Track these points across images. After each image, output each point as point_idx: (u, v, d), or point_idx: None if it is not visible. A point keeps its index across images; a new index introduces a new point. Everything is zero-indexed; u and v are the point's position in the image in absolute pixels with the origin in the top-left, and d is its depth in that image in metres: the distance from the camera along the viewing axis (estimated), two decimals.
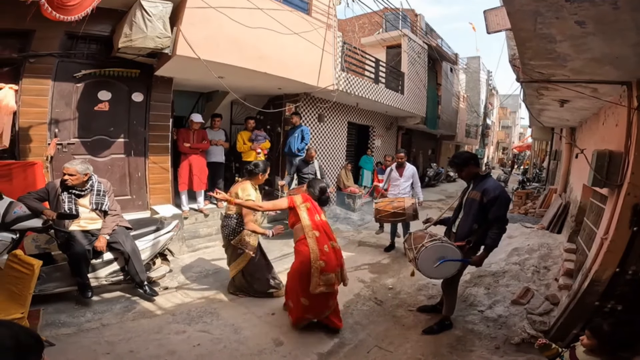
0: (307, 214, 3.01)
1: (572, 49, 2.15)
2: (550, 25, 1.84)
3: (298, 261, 2.95)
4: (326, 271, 2.86)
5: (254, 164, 3.54)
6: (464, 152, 3.26)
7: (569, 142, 6.23)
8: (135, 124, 4.88)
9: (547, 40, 2.06)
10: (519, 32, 2.05)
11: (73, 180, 3.15)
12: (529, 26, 1.90)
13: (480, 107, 22.09)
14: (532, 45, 2.20)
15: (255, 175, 3.50)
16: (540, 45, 2.16)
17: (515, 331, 3.00)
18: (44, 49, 4.02)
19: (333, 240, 3.05)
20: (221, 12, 4.31)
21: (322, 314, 3.00)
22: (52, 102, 4.21)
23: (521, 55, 2.47)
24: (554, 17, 1.73)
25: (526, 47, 2.27)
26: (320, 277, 2.84)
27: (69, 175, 3.13)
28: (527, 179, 12.85)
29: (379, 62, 8.95)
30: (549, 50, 2.22)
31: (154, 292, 3.47)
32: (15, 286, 2.42)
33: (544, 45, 2.15)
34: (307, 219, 2.99)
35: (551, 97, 3.76)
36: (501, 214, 2.78)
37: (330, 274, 2.88)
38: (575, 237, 4.27)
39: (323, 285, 2.85)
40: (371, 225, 6.86)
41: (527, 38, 2.09)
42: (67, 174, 3.12)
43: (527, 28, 1.94)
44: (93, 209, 3.30)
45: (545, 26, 1.86)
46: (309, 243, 2.89)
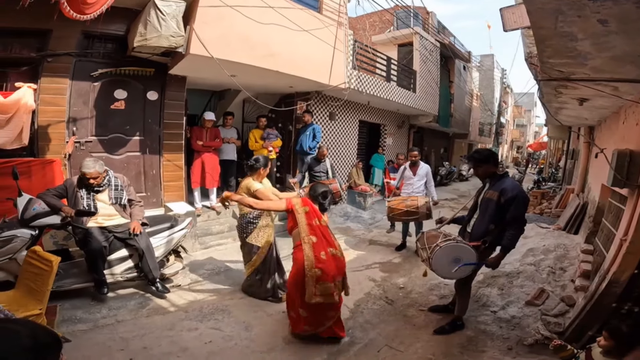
0: (305, 218, 2.81)
1: (593, 47, 2.10)
2: (572, 23, 1.79)
3: (294, 269, 2.79)
4: (323, 280, 2.65)
5: (254, 159, 3.52)
6: (485, 149, 3.19)
7: (587, 141, 6.08)
8: (150, 122, 4.96)
9: (568, 39, 2.01)
10: (539, 30, 2.01)
11: (98, 181, 3.24)
12: (550, 24, 1.86)
13: (494, 105, 21.71)
14: (551, 43, 2.15)
15: (256, 170, 3.47)
16: (560, 43, 2.11)
17: (528, 332, 2.94)
18: (61, 48, 4.11)
19: (333, 247, 2.82)
20: (233, 10, 4.33)
21: (322, 325, 2.82)
22: (70, 101, 4.31)
23: (540, 53, 2.42)
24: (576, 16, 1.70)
25: (546, 45, 2.22)
26: (317, 286, 2.64)
27: (93, 179, 3.20)
28: (542, 178, 12.59)
29: (391, 60, 8.88)
30: (569, 48, 2.17)
31: (165, 290, 3.51)
32: (34, 282, 2.46)
33: (564, 44, 2.10)
34: (305, 223, 2.79)
35: (570, 95, 3.67)
36: (519, 214, 2.72)
37: (328, 284, 2.66)
38: (592, 238, 4.17)
39: (320, 295, 2.65)
40: (382, 224, 6.83)
41: (547, 36, 2.05)
42: (92, 178, 3.18)
43: (547, 26, 1.90)
44: (113, 203, 3.37)
45: (566, 24, 1.82)
46: (304, 249, 2.71)
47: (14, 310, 2.29)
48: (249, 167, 3.52)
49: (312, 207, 2.90)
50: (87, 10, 3.37)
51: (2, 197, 3.18)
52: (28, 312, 2.29)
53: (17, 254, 2.87)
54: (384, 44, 11.28)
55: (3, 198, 3.15)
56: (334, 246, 2.84)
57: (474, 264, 2.73)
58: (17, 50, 3.96)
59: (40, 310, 2.33)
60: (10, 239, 2.86)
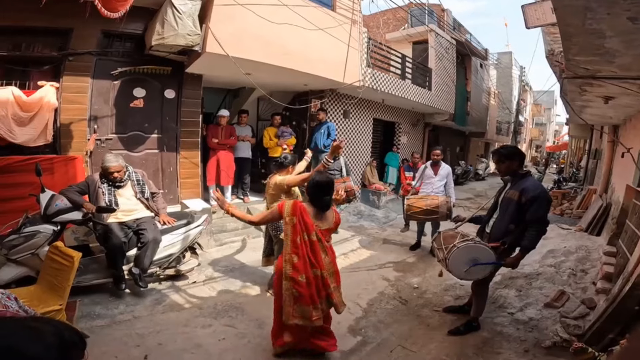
0: (291, 232, 2.36)
1: (622, 44, 2.06)
2: (601, 20, 1.77)
3: (275, 277, 2.55)
4: (300, 303, 2.35)
5: (283, 156, 3.52)
6: (512, 146, 3.09)
7: (611, 141, 5.87)
8: (167, 120, 5.04)
9: (596, 36, 1.98)
10: (566, 27, 1.98)
11: (121, 175, 3.35)
12: (578, 22, 1.84)
13: (512, 103, 21.21)
14: (579, 40, 2.12)
15: (284, 168, 3.45)
16: (587, 40, 2.08)
17: (546, 334, 2.87)
18: (82, 47, 4.22)
19: (319, 268, 2.38)
20: (247, 8, 4.36)
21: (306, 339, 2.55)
22: (91, 99, 4.42)
23: (566, 50, 2.37)
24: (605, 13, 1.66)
25: (572, 42, 2.18)
26: (294, 307, 2.36)
27: (117, 172, 3.31)
28: (563, 178, 12.23)
29: (405, 58, 8.76)
30: (596, 45, 2.14)
31: (144, 285, 3.37)
32: (55, 278, 2.49)
33: (592, 41, 2.07)
34: (290, 238, 2.37)
35: (595, 93, 3.57)
36: (541, 215, 2.63)
37: (306, 307, 2.35)
38: (615, 240, 4.04)
39: (298, 317, 2.36)
40: (396, 223, 6.77)
41: (575, 33, 2.02)
42: (116, 172, 3.30)
43: (575, 23, 1.88)
44: (138, 197, 3.47)
45: (595, 22, 1.79)
46: (284, 266, 2.38)
47: (34, 306, 2.30)
48: (278, 164, 3.50)
49: (302, 217, 2.38)
50: (120, 7, 3.45)
51: (25, 193, 3.27)
52: (48, 307, 2.32)
53: (39, 250, 2.92)
54: (398, 41, 11.14)
55: (26, 194, 3.23)
56: (321, 266, 2.40)
57: (492, 264, 2.66)
58: (39, 49, 4.07)
59: (60, 306, 2.37)
60: (33, 235, 2.92)
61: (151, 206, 3.57)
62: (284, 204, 2.45)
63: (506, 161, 2.84)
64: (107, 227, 3.24)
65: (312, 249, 2.39)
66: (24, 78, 4.01)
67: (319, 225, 2.44)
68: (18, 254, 2.89)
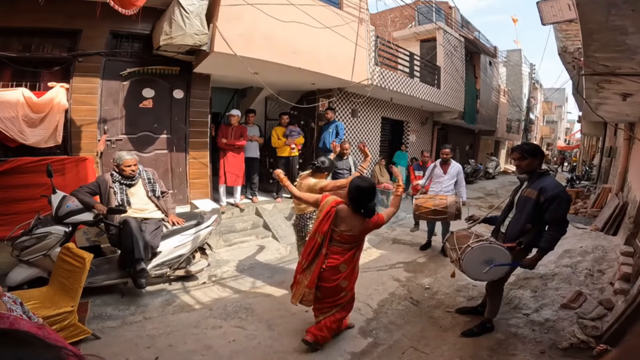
0: (316, 223, 2.62)
1: None
2: (625, 17, 1.74)
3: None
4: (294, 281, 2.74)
5: (321, 160, 3.42)
6: (534, 144, 3.01)
7: (627, 138, 5.72)
8: (176, 120, 5.05)
9: (618, 32, 1.95)
10: (588, 24, 1.95)
11: (135, 169, 3.38)
12: (601, 18, 1.80)
13: (522, 101, 20.90)
14: (600, 37, 2.08)
15: (321, 172, 3.42)
16: (609, 37, 2.04)
17: (563, 336, 2.79)
18: (91, 48, 4.24)
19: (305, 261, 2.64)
20: (256, 7, 4.34)
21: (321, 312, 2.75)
22: (101, 100, 4.44)
23: (586, 47, 2.32)
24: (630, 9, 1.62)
25: (593, 39, 2.14)
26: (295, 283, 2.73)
27: (133, 166, 3.35)
28: (576, 176, 12.00)
29: (414, 56, 8.68)
30: (618, 42, 2.10)
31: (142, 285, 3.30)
32: (67, 279, 2.51)
33: (614, 38, 2.04)
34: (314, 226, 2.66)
35: (613, 90, 3.49)
36: (560, 215, 2.54)
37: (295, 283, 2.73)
38: (633, 239, 3.93)
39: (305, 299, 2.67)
40: (406, 222, 6.70)
41: (597, 30, 1.98)
42: (133, 165, 3.35)
43: (597, 20, 1.84)
44: (149, 195, 3.48)
45: (618, 18, 1.76)
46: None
47: (46, 308, 2.36)
48: (316, 168, 3.41)
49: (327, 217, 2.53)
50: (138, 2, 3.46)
51: (37, 194, 3.28)
52: (60, 309, 2.33)
53: (51, 251, 2.93)
54: (405, 39, 11.05)
55: (38, 195, 3.24)
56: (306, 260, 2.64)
57: (508, 265, 2.59)
58: (49, 51, 4.10)
59: (72, 307, 2.38)
60: (45, 236, 2.93)
61: (161, 206, 3.57)
62: (326, 197, 2.66)
63: (528, 158, 2.74)
64: (122, 223, 3.21)
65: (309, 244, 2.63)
66: (34, 79, 4.04)
67: (344, 230, 2.52)
68: (30, 255, 2.91)
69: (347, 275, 2.63)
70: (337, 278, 2.59)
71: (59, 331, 2.23)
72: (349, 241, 2.58)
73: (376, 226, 2.60)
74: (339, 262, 2.57)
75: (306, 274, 2.65)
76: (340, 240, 2.57)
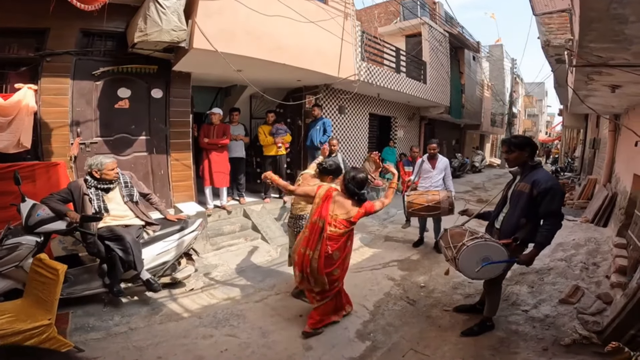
0: (314, 211, 2.80)
1: None
2: (627, 5, 1.69)
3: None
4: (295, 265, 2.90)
5: (329, 164, 3.28)
6: (524, 137, 2.94)
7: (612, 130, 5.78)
8: (156, 121, 4.82)
9: (618, 22, 1.89)
10: (589, 12, 1.88)
11: (117, 171, 3.22)
12: (602, 6, 1.75)
13: (505, 95, 21.24)
14: (598, 26, 2.02)
15: (325, 175, 3.26)
16: (608, 26, 1.98)
17: (564, 332, 2.75)
18: (60, 47, 3.99)
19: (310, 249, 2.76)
20: (238, 1, 4.16)
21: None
22: (73, 101, 4.18)
23: (582, 37, 2.28)
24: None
25: (591, 28, 2.08)
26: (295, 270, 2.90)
27: (114, 169, 3.18)
28: (560, 168, 12.22)
29: (400, 51, 8.62)
30: (616, 32, 2.04)
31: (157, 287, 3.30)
32: (41, 291, 2.37)
33: (612, 27, 1.98)
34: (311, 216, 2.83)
35: (602, 82, 3.48)
36: (555, 208, 2.48)
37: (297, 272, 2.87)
38: (625, 231, 3.94)
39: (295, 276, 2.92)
40: (397, 219, 6.63)
41: (597, 19, 1.92)
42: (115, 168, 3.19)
43: (599, 8, 1.78)
44: (126, 201, 3.27)
45: (620, 6, 1.71)
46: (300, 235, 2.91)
47: (22, 321, 2.23)
48: (323, 168, 3.28)
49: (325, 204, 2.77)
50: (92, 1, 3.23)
51: (6, 203, 3.07)
52: (37, 322, 2.21)
53: (24, 262, 2.76)
54: (391, 35, 11.02)
55: (7, 204, 3.03)
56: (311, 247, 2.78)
57: (505, 262, 2.52)
58: (15, 51, 3.85)
59: (49, 320, 2.25)
60: (15, 247, 2.74)
61: (140, 213, 3.36)
62: (321, 187, 2.84)
63: (516, 151, 2.70)
64: (96, 238, 3.06)
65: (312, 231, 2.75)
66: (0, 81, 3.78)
67: (338, 214, 2.74)
68: (1, 267, 2.71)
69: (340, 264, 2.83)
70: (330, 265, 2.77)
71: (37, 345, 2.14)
72: (344, 226, 2.74)
73: (367, 213, 2.81)
74: (332, 250, 2.73)
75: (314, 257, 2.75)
76: (335, 226, 2.72)
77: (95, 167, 3.11)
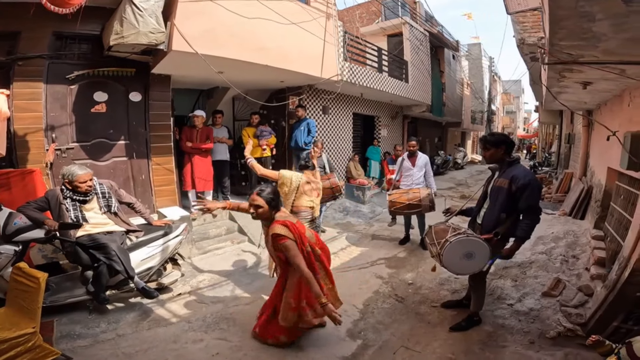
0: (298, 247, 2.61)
1: (611, 28, 2.04)
2: (594, 3, 1.74)
3: None
4: None
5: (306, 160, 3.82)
6: (501, 134, 3.03)
7: (586, 125, 6.00)
8: (135, 125, 4.70)
9: (586, 19, 1.95)
10: (557, 10, 1.93)
11: (91, 184, 3.07)
12: (570, 4, 1.79)
13: (484, 93, 21.76)
14: (567, 24, 2.08)
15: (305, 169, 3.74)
16: (576, 24, 2.04)
17: (549, 325, 2.83)
18: (32, 50, 3.84)
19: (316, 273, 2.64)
20: (217, 3, 4.11)
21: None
22: (47, 106, 4.03)
23: (552, 35, 2.34)
24: None
25: (560, 26, 2.15)
26: None
27: (89, 181, 3.04)
28: (538, 163, 12.61)
29: (382, 51, 8.71)
30: (584, 29, 2.11)
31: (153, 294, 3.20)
32: (24, 300, 2.32)
33: (581, 25, 2.04)
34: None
35: (574, 79, 3.60)
36: (533, 203, 2.56)
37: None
38: (601, 223, 4.09)
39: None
40: (382, 217, 6.69)
41: (565, 16, 1.97)
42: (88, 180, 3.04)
43: (567, 5, 1.83)
44: (104, 212, 3.17)
45: (587, 4, 1.76)
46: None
47: (6, 330, 2.20)
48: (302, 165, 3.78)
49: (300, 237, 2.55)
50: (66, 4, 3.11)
51: None
52: (22, 330, 2.17)
53: (3, 271, 2.68)
54: (373, 35, 11.12)
55: None
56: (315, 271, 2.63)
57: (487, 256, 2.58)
58: None
59: (34, 329, 2.21)
60: None
61: (120, 222, 3.27)
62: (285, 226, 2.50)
63: (491, 148, 2.79)
64: (77, 243, 2.96)
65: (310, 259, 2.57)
66: None
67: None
68: None
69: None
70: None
71: (24, 353, 2.12)
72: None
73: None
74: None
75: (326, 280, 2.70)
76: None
77: (67, 177, 3.00)
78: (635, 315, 2.53)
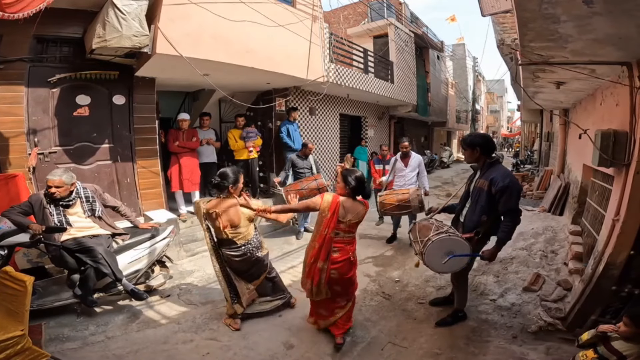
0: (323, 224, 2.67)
1: (576, 29, 2.12)
2: (557, 4, 1.80)
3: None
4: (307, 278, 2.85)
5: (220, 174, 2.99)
6: (478, 135, 3.06)
7: (563, 124, 6.21)
8: (119, 128, 4.65)
9: (551, 21, 2.02)
10: (523, 12, 2.00)
11: (61, 192, 2.97)
12: (534, 6, 1.86)
13: (468, 92, 22.16)
14: (534, 26, 2.15)
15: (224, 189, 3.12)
16: (543, 26, 2.12)
17: (531, 319, 2.93)
18: (12, 54, 3.77)
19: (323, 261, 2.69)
20: (201, 6, 4.10)
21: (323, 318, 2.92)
22: (28, 110, 3.96)
23: (522, 37, 2.42)
24: None
25: (528, 28, 2.23)
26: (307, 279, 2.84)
27: (56, 188, 2.94)
28: (521, 161, 12.93)
29: (367, 52, 8.81)
30: (551, 31, 2.19)
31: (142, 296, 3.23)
32: (11, 303, 2.32)
33: (547, 26, 2.12)
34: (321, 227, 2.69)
35: (547, 79, 3.71)
36: (513, 205, 2.58)
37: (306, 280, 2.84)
38: (579, 218, 4.23)
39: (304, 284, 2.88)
40: (370, 216, 6.74)
41: (531, 18, 2.04)
42: (54, 186, 2.93)
43: (531, 8, 1.90)
44: (88, 216, 3.15)
45: (550, 6, 1.82)
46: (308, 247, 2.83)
47: None
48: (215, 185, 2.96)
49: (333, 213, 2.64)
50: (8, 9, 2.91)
51: None
52: (10, 333, 2.17)
53: None
54: (359, 36, 11.22)
55: None
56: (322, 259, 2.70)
57: (466, 256, 2.62)
58: None
59: (22, 332, 2.21)
60: None
61: (105, 226, 3.25)
62: (324, 196, 2.72)
63: (468, 149, 2.83)
64: (63, 247, 2.95)
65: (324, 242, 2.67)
66: None
67: (351, 219, 2.66)
68: None
69: (356, 264, 2.84)
70: (352, 268, 2.79)
71: (13, 356, 2.13)
72: (353, 230, 2.75)
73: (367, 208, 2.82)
74: (348, 254, 2.72)
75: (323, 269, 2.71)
76: (346, 231, 2.69)
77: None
78: (612, 308, 2.64)
